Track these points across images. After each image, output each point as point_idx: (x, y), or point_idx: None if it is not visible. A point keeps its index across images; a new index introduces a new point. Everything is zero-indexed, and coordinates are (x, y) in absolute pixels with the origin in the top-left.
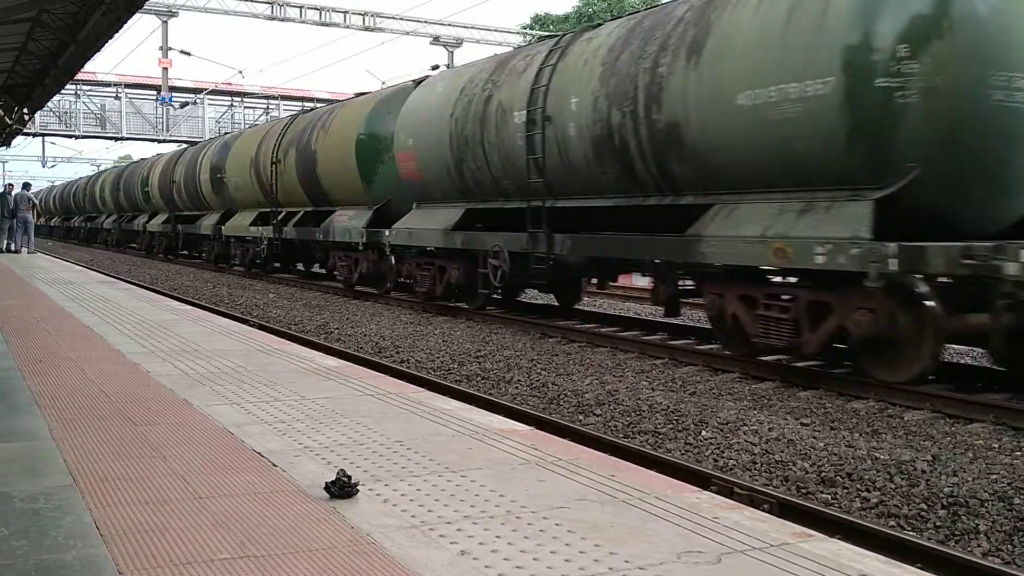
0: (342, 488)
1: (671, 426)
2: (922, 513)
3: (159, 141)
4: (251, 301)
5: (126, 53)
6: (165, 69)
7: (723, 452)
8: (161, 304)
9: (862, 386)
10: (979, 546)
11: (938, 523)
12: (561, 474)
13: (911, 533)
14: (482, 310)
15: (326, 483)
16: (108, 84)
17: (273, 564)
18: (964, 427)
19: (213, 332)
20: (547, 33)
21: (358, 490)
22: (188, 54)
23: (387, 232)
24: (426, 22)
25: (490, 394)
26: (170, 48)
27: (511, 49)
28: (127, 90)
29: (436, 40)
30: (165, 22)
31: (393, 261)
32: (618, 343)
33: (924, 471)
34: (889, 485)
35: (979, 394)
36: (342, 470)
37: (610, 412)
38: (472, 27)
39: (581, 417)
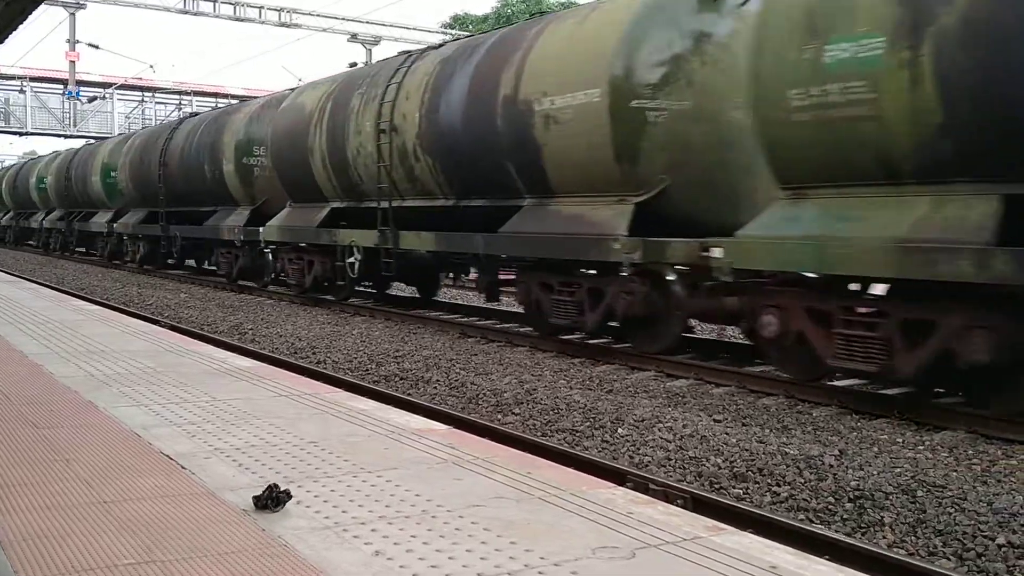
0: (276, 502)
1: (588, 424)
2: (830, 506)
3: (66, 136)
4: (162, 301)
5: (32, 45)
6: (72, 63)
7: (639, 449)
8: (67, 304)
9: (773, 383)
10: (884, 538)
11: (845, 516)
12: (478, 473)
13: (819, 526)
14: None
15: (254, 496)
16: (12, 77)
17: (180, 569)
18: (870, 422)
19: (122, 333)
20: (467, 33)
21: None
22: (96, 47)
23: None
24: (343, 19)
25: (408, 394)
26: (78, 41)
27: None
28: (32, 84)
29: (354, 37)
30: (73, 14)
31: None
32: (537, 342)
33: (832, 465)
34: (798, 479)
35: (884, 390)
36: (274, 484)
37: (528, 411)
38: (391, 25)
39: (500, 416)
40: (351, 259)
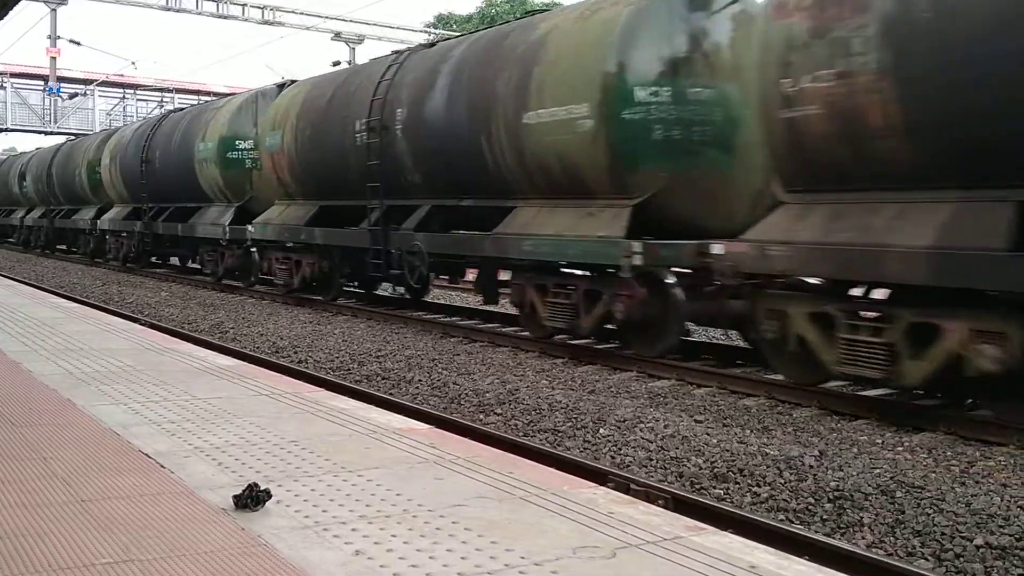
0: (256, 501)
1: (570, 424)
2: (810, 507)
3: (46, 133)
4: (142, 299)
5: (12, 41)
6: (53, 59)
7: (620, 449)
8: (46, 301)
9: (754, 384)
10: (863, 538)
11: (825, 516)
12: (460, 472)
13: (799, 526)
14: None
15: (234, 496)
16: None
17: (158, 568)
18: (849, 423)
19: (101, 331)
20: (451, 33)
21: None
22: (78, 43)
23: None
24: (327, 17)
25: (390, 394)
26: (59, 37)
27: None
28: (13, 80)
29: (337, 36)
30: (54, 9)
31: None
32: (519, 342)
33: (812, 466)
34: (779, 480)
35: (864, 391)
36: (254, 483)
37: (511, 411)
38: (374, 24)
39: (482, 416)
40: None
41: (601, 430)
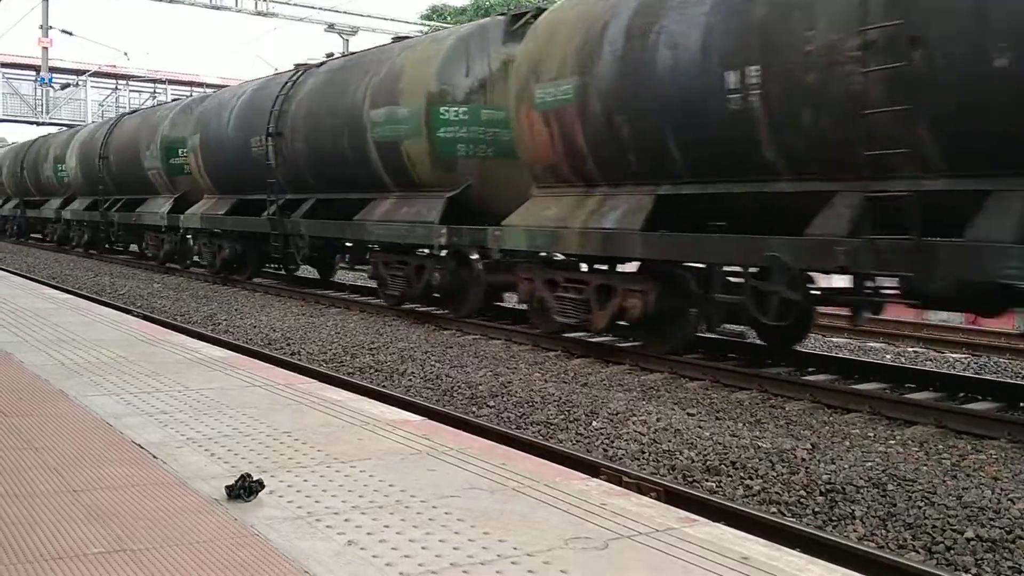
0: (249, 491)
1: (563, 417)
2: (802, 500)
3: (38, 124)
4: (135, 291)
5: (4, 31)
6: (45, 49)
7: (613, 442)
8: (37, 292)
9: (746, 377)
10: (855, 531)
11: (816, 509)
12: (452, 463)
13: (791, 519)
14: None
15: (226, 486)
16: None
17: (150, 558)
18: (842, 417)
19: (93, 322)
20: (445, 25)
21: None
22: (70, 34)
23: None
24: (320, 8)
25: (383, 386)
26: (51, 27)
27: None
28: (4, 70)
29: (331, 28)
30: (46, 0)
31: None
32: (512, 335)
33: (804, 459)
34: (771, 473)
35: (856, 385)
36: (247, 474)
37: (503, 403)
38: (368, 15)
39: (475, 408)
40: None
41: (594, 423)
